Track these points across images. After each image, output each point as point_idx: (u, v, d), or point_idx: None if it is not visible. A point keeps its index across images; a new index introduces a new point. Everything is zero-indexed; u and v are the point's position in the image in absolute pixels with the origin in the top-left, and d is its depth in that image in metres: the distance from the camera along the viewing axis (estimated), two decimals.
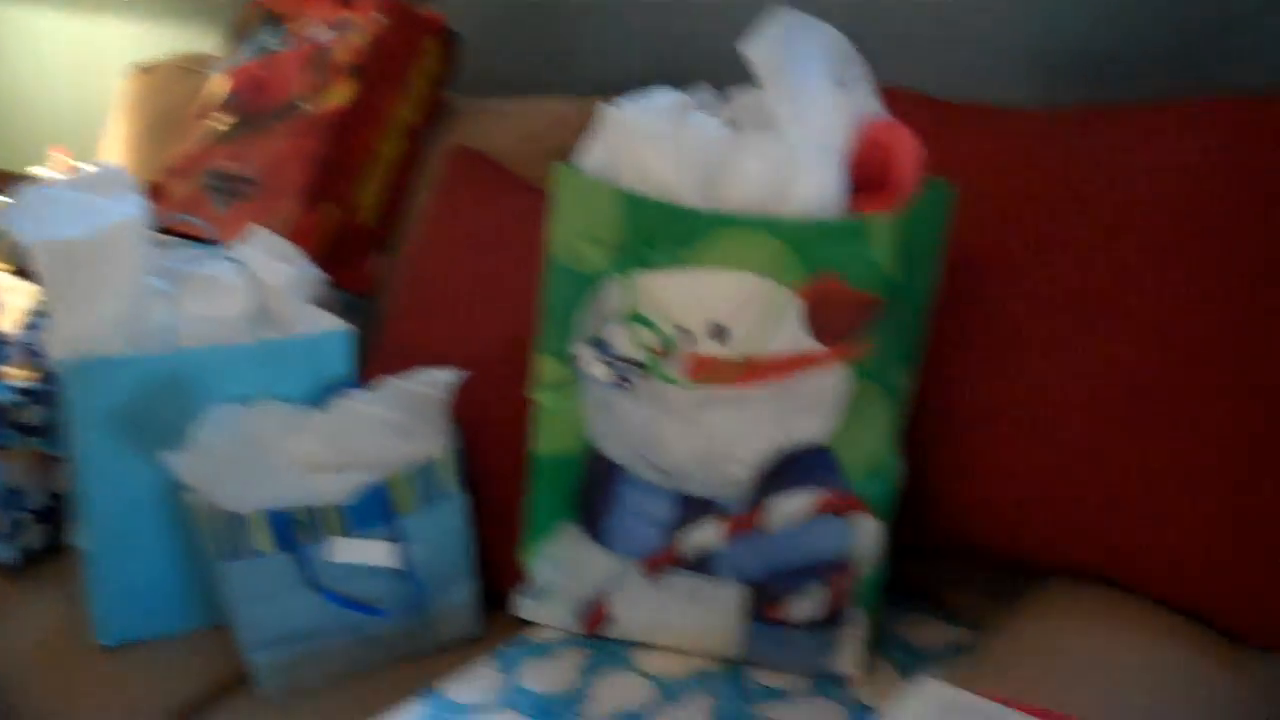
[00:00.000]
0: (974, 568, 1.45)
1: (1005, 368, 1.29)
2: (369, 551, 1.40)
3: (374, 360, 1.63)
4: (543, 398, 1.36)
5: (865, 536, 1.28)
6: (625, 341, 1.27)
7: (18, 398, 1.56)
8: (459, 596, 1.48)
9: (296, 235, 1.64)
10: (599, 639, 1.40)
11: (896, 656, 1.37)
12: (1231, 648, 1.23)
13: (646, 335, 1.25)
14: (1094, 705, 1.14)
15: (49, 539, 1.63)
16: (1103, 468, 1.24)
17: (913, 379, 1.30)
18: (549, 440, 1.37)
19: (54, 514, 1.62)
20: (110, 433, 1.43)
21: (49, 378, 1.57)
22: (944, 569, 1.47)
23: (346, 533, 1.39)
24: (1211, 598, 1.21)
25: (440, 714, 1.29)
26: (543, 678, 1.34)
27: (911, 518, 1.34)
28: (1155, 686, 1.17)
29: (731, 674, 1.34)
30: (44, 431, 1.58)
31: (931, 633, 1.41)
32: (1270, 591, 1.19)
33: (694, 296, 1.23)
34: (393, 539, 1.41)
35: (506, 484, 1.46)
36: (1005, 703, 1.13)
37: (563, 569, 1.40)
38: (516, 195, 1.57)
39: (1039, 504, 1.27)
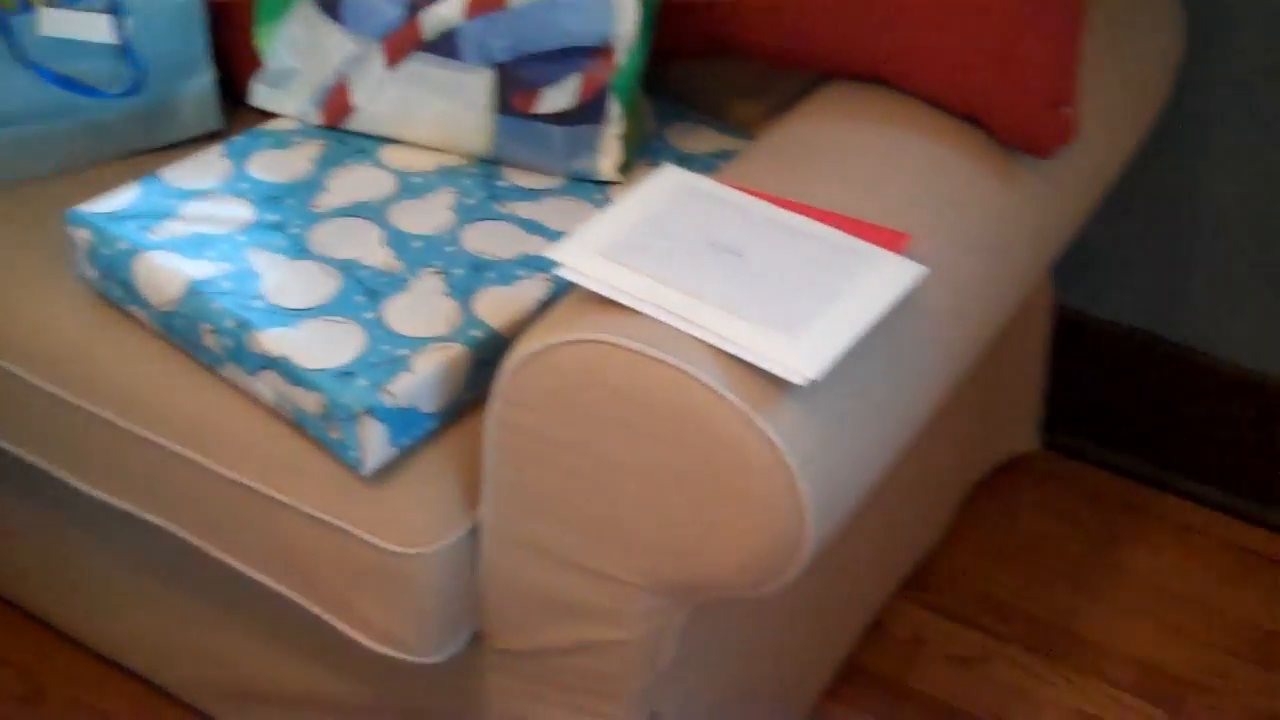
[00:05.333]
0: (759, 76, 1.35)
1: None
2: (84, 24, 1.25)
3: None
4: None
5: (622, 18, 1.16)
6: None
7: None
8: (194, 83, 1.33)
9: None
10: (341, 131, 1.28)
11: (662, 162, 1.27)
12: (1004, 153, 1.15)
13: None
14: (846, 196, 1.06)
15: None
16: None
17: None
18: None
19: None
20: None
21: None
22: (726, 77, 1.36)
23: (56, 2, 1.24)
24: (986, 102, 1.12)
25: (154, 196, 1.18)
26: (274, 167, 1.23)
27: (681, 16, 1.21)
28: (915, 183, 1.09)
29: (481, 171, 1.24)
30: None
31: (705, 140, 1.31)
32: (1039, 98, 1.10)
33: None
34: (111, 11, 1.26)
35: None
36: (746, 191, 1.05)
37: (299, 52, 1.27)
38: None
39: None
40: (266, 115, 1.33)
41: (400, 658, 1.09)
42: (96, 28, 1.26)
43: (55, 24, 1.25)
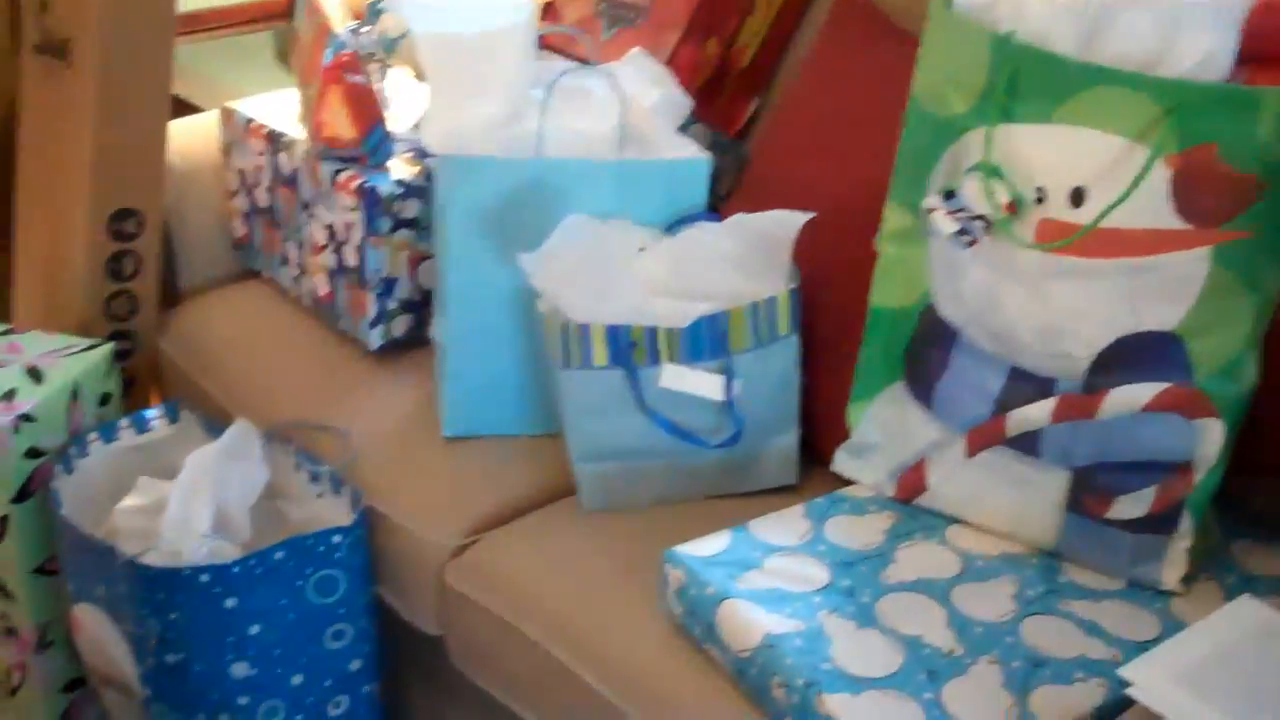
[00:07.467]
0: None
1: None
2: (699, 381, 1.42)
3: (733, 200, 1.63)
4: (886, 247, 1.33)
5: (1207, 440, 1.20)
6: (977, 196, 1.22)
7: (398, 189, 1.64)
8: (780, 441, 1.48)
9: (675, 67, 1.64)
10: (912, 506, 1.37)
11: (1225, 578, 1.28)
12: None
13: (1000, 191, 1.20)
14: None
15: (411, 330, 1.72)
16: None
17: None
18: (886, 292, 1.35)
19: (419, 307, 1.70)
20: (474, 230, 1.49)
21: (429, 176, 1.64)
22: None
23: (679, 359, 1.41)
24: None
25: (742, 547, 1.31)
26: (849, 534, 1.33)
27: (1262, 430, 1.24)
28: None
29: (1042, 563, 1.30)
30: (419, 226, 1.66)
31: (1269, 561, 1.31)
32: None
33: (1056, 155, 1.18)
34: (723, 372, 1.42)
35: (844, 336, 1.44)
36: None
37: (885, 430, 1.38)
38: (900, 45, 1.51)
39: None
40: (840, 479, 1.44)
41: None
42: (710, 386, 1.42)
43: (675, 379, 1.42)
